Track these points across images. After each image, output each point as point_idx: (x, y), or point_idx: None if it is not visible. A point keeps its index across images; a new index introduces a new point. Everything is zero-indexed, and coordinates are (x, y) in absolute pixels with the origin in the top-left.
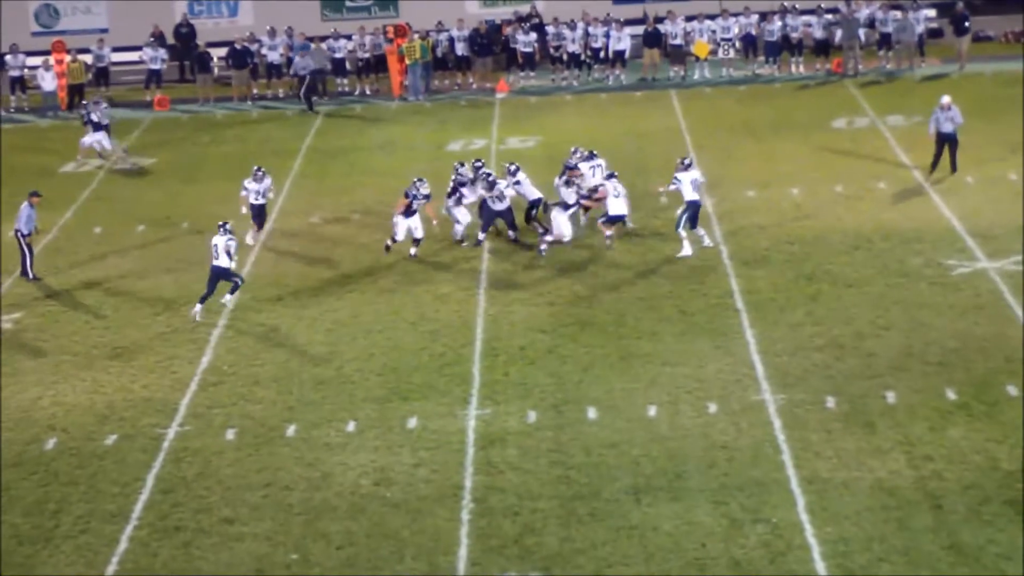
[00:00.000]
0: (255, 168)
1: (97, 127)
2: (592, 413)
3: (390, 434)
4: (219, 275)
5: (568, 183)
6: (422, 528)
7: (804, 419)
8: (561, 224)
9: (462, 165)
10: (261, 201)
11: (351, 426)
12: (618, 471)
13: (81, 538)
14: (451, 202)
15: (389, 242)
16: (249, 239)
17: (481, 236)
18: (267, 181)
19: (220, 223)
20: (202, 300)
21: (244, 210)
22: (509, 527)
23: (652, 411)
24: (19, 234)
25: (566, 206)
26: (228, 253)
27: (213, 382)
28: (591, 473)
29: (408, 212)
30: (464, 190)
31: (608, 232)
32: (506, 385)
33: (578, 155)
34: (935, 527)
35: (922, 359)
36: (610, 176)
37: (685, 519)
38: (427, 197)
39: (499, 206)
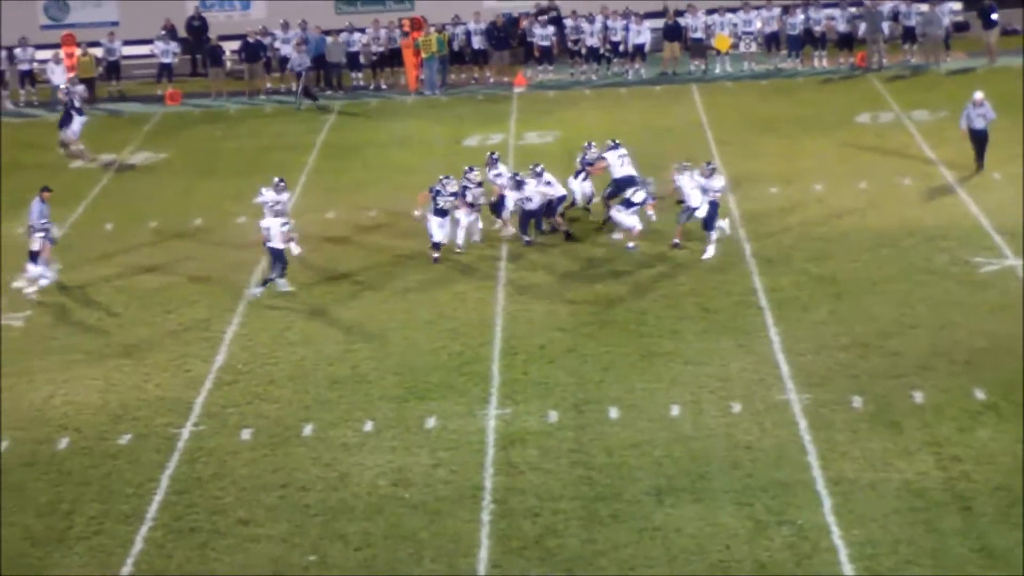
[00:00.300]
0: (277, 179)
1: (80, 112)
2: (613, 413)
3: (408, 434)
4: (276, 255)
5: (586, 177)
6: (441, 529)
7: (829, 419)
8: (625, 220)
9: (471, 170)
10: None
11: (368, 426)
12: (640, 472)
13: (95, 539)
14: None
15: (436, 255)
16: (294, 248)
17: (527, 238)
18: (286, 195)
19: (271, 204)
20: (281, 275)
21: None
22: (530, 528)
23: (674, 411)
24: (33, 230)
25: (629, 204)
26: (280, 236)
27: (228, 381)
28: (613, 474)
29: (438, 211)
30: (474, 192)
31: (676, 240)
32: (525, 384)
33: (593, 151)
34: (964, 529)
35: (949, 358)
36: (683, 167)
37: (709, 520)
38: (454, 195)
39: (531, 206)
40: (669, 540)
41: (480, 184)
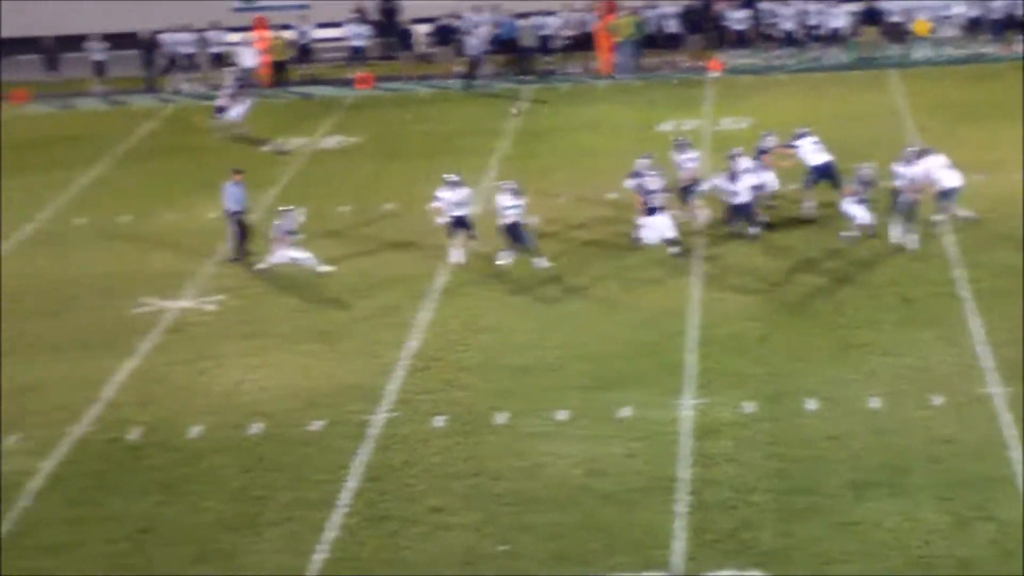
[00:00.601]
0: (449, 177)
1: (248, 96)
2: (810, 404)
3: (600, 424)
4: (513, 232)
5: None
6: (634, 521)
7: None
8: (854, 211)
9: (646, 157)
10: (461, 212)
11: (560, 415)
12: (837, 465)
13: (286, 525)
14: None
15: (640, 240)
16: (454, 257)
17: (752, 230)
18: (464, 191)
19: (503, 183)
20: (515, 250)
21: (440, 221)
22: (725, 521)
23: (872, 403)
24: (228, 214)
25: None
26: (510, 215)
27: (419, 367)
28: (809, 466)
29: (651, 210)
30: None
31: (963, 212)
32: (719, 375)
33: (770, 139)
34: None
35: None
36: (923, 152)
37: (908, 515)
38: (663, 190)
39: (739, 199)
40: (866, 535)
41: (657, 173)
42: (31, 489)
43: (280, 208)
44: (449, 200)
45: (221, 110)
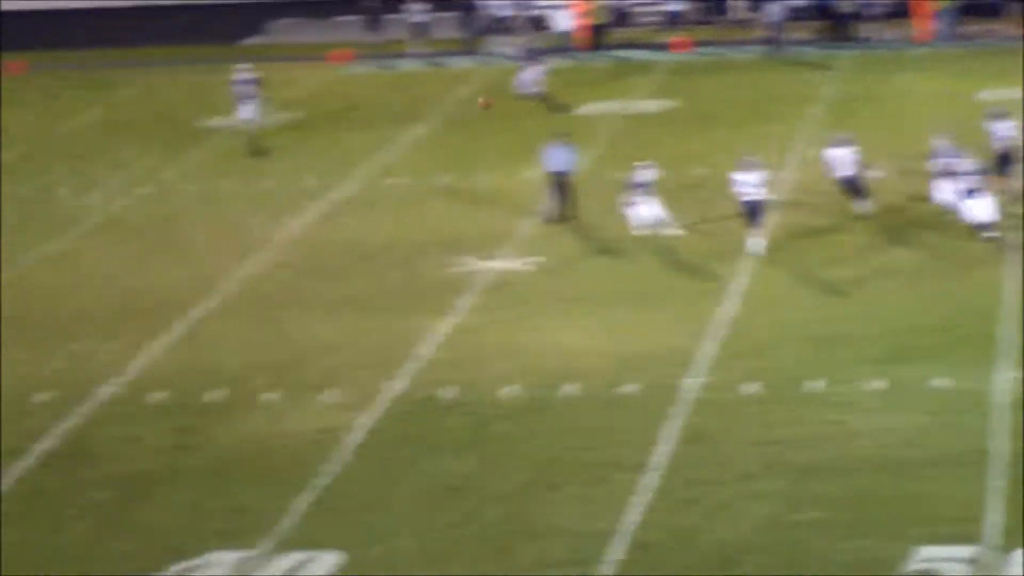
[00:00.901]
0: (746, 158)
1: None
2: None
3: (912, 395)
4: (849, 184)
5: None
6: (946, 494)
7: None
8: None
9: (943, 136)
10: (756, 197)
11: (872, 385)
12: None
13: (599, 486)
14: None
15: (988, 233)
16: (751, 246)
17: None
18: (760, 173)
19: (835, 135)
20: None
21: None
22: None
23: None
24: (551, 174)
25: None
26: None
27: (732, 334)
28: None
29: (968, 192)
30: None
31: None
32: None
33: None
34: None
35: None
36: None
37: None
38: (979, 171)
39: None
40: None
41: (961, 152)
42: (348, 444)
43: (637, 164)
44: (744, 182)
45: (520, 74)
